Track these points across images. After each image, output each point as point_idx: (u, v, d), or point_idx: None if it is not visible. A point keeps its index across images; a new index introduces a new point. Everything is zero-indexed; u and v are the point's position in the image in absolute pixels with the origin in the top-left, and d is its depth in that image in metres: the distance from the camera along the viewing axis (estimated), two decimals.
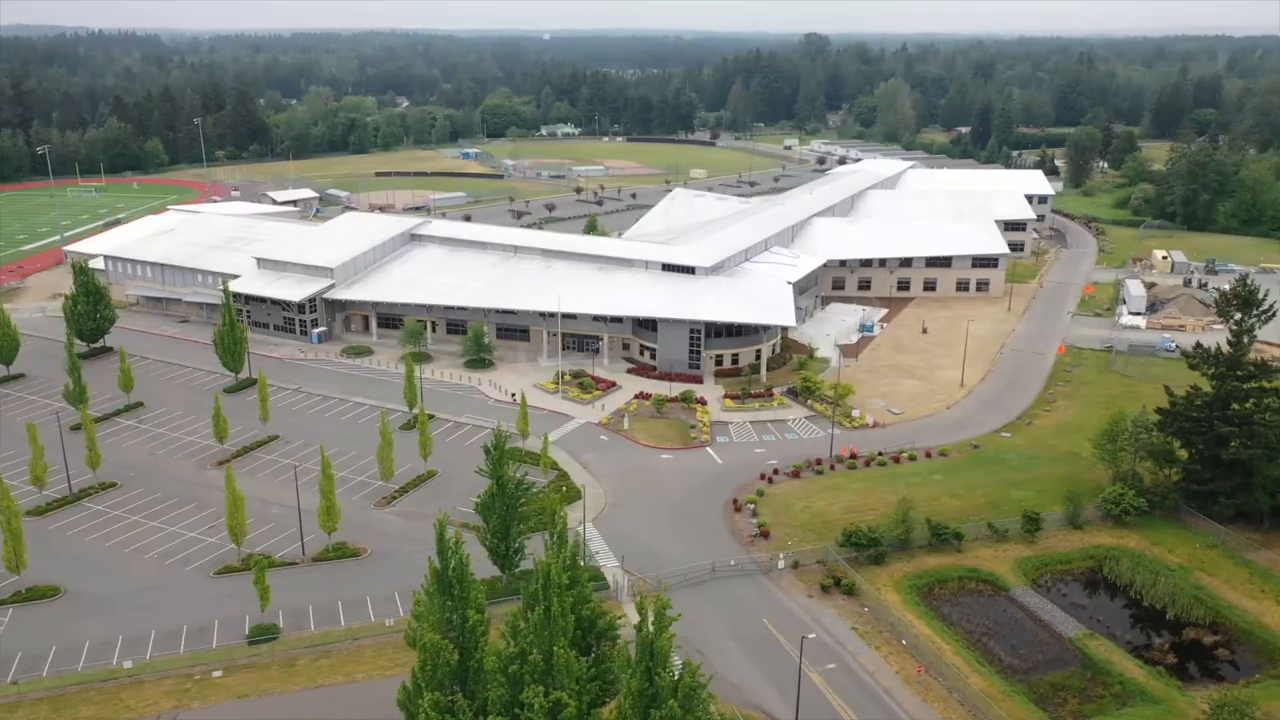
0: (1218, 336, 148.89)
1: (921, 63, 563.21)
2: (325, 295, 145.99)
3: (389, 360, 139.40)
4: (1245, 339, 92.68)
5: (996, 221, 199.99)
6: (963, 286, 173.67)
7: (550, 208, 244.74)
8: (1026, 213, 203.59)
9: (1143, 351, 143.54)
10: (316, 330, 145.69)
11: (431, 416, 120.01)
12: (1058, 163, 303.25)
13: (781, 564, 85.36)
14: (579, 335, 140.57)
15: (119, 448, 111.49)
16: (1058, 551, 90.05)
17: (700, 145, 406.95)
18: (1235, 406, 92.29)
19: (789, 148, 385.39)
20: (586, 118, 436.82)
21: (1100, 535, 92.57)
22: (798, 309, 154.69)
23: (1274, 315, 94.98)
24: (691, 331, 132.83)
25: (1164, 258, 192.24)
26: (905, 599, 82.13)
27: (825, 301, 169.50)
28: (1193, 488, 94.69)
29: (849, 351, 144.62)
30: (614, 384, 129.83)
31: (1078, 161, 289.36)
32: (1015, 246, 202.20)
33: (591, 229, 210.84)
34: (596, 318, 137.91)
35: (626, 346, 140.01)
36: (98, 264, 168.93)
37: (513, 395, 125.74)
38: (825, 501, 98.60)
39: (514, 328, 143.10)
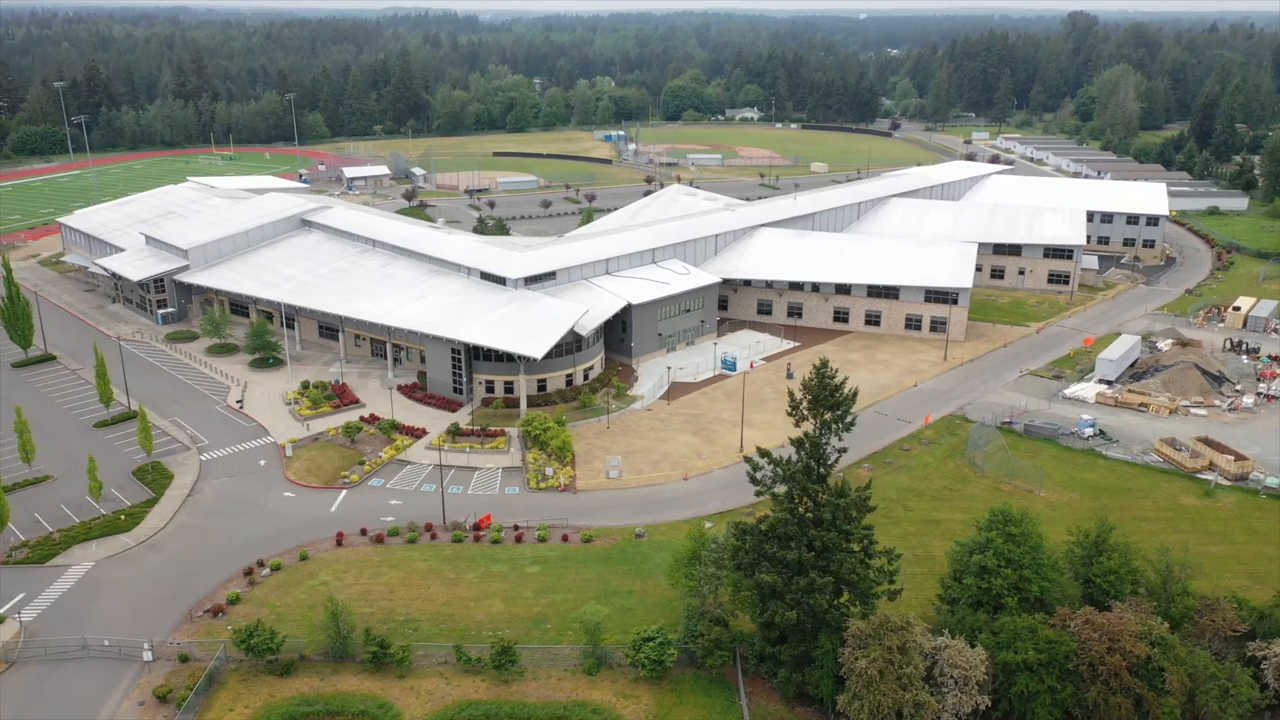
0: (1189, 425, 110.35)
1: (1224, 47, 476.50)
2: (177, 277, 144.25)
3: (200, 350, 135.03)
4: (823, 453, 64.18)
5: (1036, 246, 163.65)
6: (914, 324, 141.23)
7: (590, 198, 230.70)
8: (1075, 237, 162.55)
9: (1040, 433, 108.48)
10: (161, 311, 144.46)
11: (137, 414, 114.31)
12: (1257, 174, 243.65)
13: (148, 654, 70.50)
14: (384, 343, 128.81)
15: None
16: (518, 701, 67.64)
17: (877, 135, 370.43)
18: (795, 549, 64.50)
19: (969, 142, 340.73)
20: (768, 102, 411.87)
21: (602, 689, 68.73)
22: (662, 335, 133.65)
23: (853, 424, 65.28)
24: (453, 352, 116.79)
25: (1235, 309, 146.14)
26: None
27: (734, 327, 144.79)
28: (759, 646, 67.96)
29: (677, 391, 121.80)
30: (357, 401, 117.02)
31: (1274, 172, 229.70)
32: (1058, 277, 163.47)
33: (587, 223, 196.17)
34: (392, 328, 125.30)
35: (424, 359, 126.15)
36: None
37: (238, 403, 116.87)
38: (355, 581, 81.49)
39: (333, 328, 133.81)
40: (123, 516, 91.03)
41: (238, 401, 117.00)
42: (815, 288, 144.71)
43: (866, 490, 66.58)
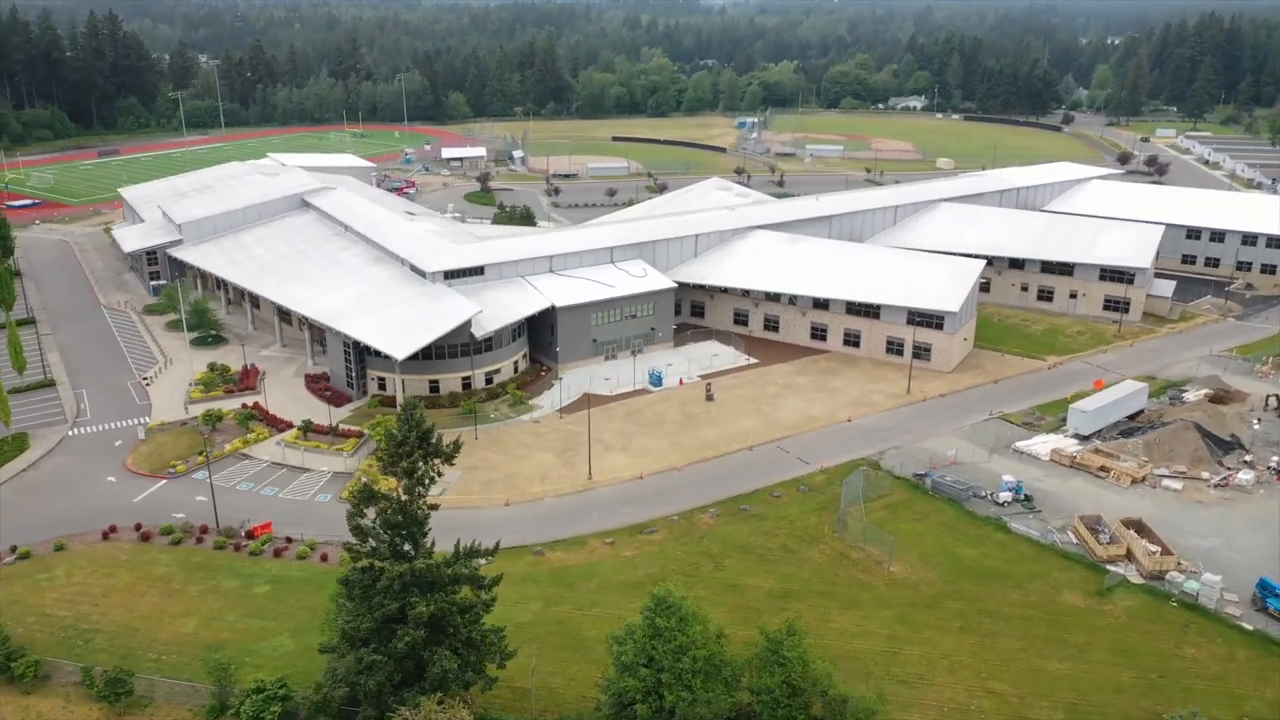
0: (1148, 501, 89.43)
1: None
2: (168, 251, 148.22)
3: (162, 324, 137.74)
4: (411, 510, 54.03)
5: (1091, 266, 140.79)
6: (895, 348, 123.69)
7: (662, 187, 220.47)
8: (1138, 259, 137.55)
9: (947, 492, 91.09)
10: (154, 283, 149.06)
11: (52, 383, 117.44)
12: None
13: None
14: (318, 330, 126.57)
15: None
16: None
17: (1047, 129, 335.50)
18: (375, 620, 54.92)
19: (1146, 140, 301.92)
20: (933, 91, 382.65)
21: None
22: (598, 341, 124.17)
23: (433, 479, 54.23)
24: (345, 346, 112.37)
25: None
26: None
27: (705, 336, 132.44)
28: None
29: (585, 404, 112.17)
30: (253, 388, 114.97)
31: None
32: (1116, 304, 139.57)
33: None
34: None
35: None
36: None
37: (145, 380, 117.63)
38: (81, 580, 78.68)
39: (285, 310, 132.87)
40: None
41: (144, 378, 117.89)
42: (793, 300, 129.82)
43: (483, 556, 56.06)
